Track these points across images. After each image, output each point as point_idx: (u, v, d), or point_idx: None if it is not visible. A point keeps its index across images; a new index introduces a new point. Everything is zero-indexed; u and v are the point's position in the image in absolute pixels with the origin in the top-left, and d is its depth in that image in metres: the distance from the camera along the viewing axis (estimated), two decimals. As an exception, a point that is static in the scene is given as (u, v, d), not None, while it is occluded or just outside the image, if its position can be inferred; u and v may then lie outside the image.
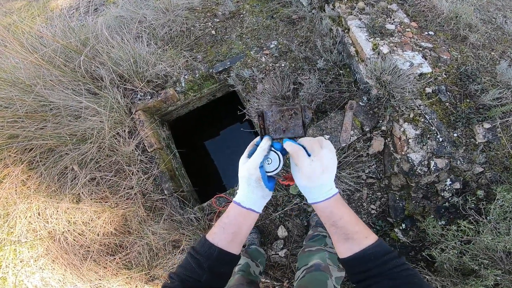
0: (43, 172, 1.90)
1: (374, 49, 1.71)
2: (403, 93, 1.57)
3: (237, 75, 1.87)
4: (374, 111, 1.72)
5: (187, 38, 2.05)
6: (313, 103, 1.60)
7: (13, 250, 1.80)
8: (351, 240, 0.53)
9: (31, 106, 1.90)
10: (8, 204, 1.91)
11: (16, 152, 1.98)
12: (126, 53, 1.71)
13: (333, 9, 1.89)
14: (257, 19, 2.20)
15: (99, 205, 1.87)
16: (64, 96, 1.86)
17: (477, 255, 1.12)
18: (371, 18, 1.80)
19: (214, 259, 0.54)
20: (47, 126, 1.88)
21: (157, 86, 1.86)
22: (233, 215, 0.58)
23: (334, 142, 1.57)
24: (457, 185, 1.40)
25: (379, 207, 1.63)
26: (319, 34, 2.03)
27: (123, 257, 1.91)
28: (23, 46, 1.84)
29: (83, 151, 1.83)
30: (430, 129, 1.44)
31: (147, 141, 1.72)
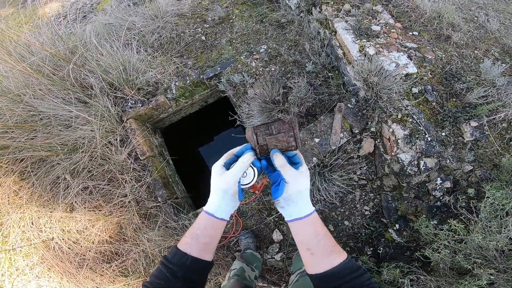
0: (35, 182, 1.82)
1: (361, 51, 1.67)
2: (390, 94, 1.56)
3: (228, 81, 1.80)
4: (363, 113, 1.69)
5: (177, 44, 1.97)
6: (303, 107, 1.54)
7: (8, 259, 1.75)
8: (334, 252, 0.54)
9: (21, 116, 1.81)
10: (1, 214, 1.84)
11: (7, 163, 1.89)
12: (116, 60, 1.63)
13: (320, 12, 1.84)
14: (247, 24, 2.13)
15: (93, 214, 1.80)
16: (54, 106, 1.77)
17: (470, 254, 1.09)
18: (357, 20, 1.76)
19: (187, 268, 0.54)
20: (38, 136, 1.79)
21: (148, 94, 1.78)
22: (205, 226, 0.57)
23: (324, 145, 1.52)
24: (447, 184, 1.37)
25: (372, 208, 1.60)
26: (308, 37, 1.98)
27: (119, 265, 1.84)
28: (10, 55, 1.75)
29: (75, 160, 1.75)
30: (418, 129, 1.42)
31: (139, 149, 1.64)
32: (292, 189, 0.55)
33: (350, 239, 1.59)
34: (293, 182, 0.55)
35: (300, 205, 0.56)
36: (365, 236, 1.57)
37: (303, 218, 0.55)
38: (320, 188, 1.50)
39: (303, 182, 0.56)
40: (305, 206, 0.56)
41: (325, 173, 1.50)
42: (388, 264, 1.35)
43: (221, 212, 0.57)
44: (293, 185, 0.55)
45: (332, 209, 1.64)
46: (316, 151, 1.47)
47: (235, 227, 1.57)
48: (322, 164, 1.51)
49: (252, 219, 1.61)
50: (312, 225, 0.55)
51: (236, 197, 0.58)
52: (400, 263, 1.27)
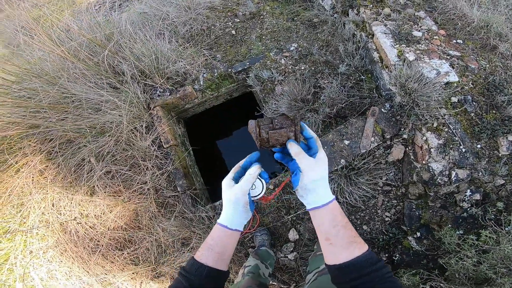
0: (60, 163, 2.01)
1: (399, 56, 1.74)
2: (428, 101, 1.58)
3: (256, 76, 1.94)
4: (396, 119, 1.75)
5: (207, 37, 2.15)
6: (335, 108, 1.65)
7: (24, 241, 1.88)
8: (355, 243, 0.57)
9: (54, 98, 2.04)
10: (23, 194, 1.99)
11: (36, 142, 2.11)
12: (149, 49, 1.82)
13: (358, 14, 1.95)
14: (277, 21, 2.28)
15: (112, 199, 1.96)
16: (86, 89, 1.99)
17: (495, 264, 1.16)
18: (397, 24, 1.84)
19: (204, 278, 0.60)
20: (68, 117, 2.00)
21: (176, 83, 1.96)
22: (219, 237, 0.63)
23: (354, 148, 1.61)
24: (477, 196, 1.42)
25: (393, 214, 1.66)
26: (341, 38, 2.09)
27: (131, 252, 1.98)
28: (51, 38, 1.99)
29: (101, 144, 1.94)
30: (453, 139, 1.46)
31: (164, 137, 1.81)
32: (308, 178, 0.58)
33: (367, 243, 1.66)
34: (308, 171, 0.58)
35: (319, 194, 0.59)
36: (382, 242, 1.62)
37: (321, 207, 0.58)
38: (345, 190, 1.59)
39: (318, 170, 0.59)
40: (323, 195, 0.59)
41: (351, 176, 1.55)
42: (405, 271, 1.44)
43: (234, 223, 0.63)
44: (308, 174, 0.58)
45: (353, 213, 1.69)
46: (345, 153, 1.55)
47: (252, 223, 1.68)
48: (350, 167, 1.57)
49: (270, 216, 1.68)
50: (330, 214, 0.58)
51: (248, 208, 0.63)
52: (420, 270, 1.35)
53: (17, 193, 1.98)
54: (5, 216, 1.94)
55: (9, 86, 2.11)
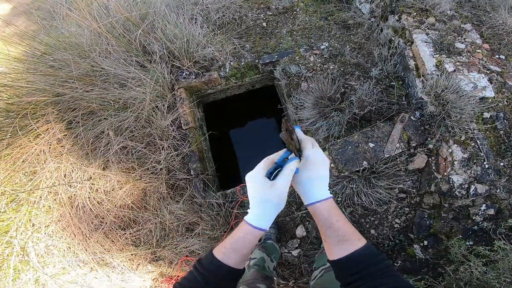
0: (80, 133, 2.11)
1: (438, 66, 1.75)
2: (461, 114, 1.58)
3: (283, 70, 1.99)
4: (425, 128, 1.74)
5: (238, 26, 2.23)
6: (367, 109, 1.68)
7: (29, 213, 1.89)
8: (347, 241, 0.58)
9: (84, 70, 2.17)
10: (38, 161, 2.03)
11: (60, 110, 2.23)
12: (181, 31, 1.92)
13: (398, 21, 1.96)
14: (310, 19, 2.33)
15: (124, 175, 2.02)
16: (115, 65, 2.10)
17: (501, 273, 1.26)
18: (440, 34, 1.85)
19: (222, 277, 0.58)
20: (94, 90, 2.12)
21: (203, 68, 2.03)
22: (250, 241, 0.59)
23: (378, 152, 1.60)
24: (491, 211, 1.49)
25: (403, 222, 1.70)
26: (377, 42, 2.11)
27: (134, 233, 2.01)
28: (91, 14, 2.15)
29: (122, 118, 2.03)
30: (478, 154, 1.50)
31: (184, 119, 1.88)
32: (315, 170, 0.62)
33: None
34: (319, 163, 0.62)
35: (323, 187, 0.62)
36: (387, 248, 1.65)
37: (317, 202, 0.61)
38: (363, 192, 1.58)
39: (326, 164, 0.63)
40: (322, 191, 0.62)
41: (371, 179, 1.57)
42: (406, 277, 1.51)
43: (269, 223, 0.60)
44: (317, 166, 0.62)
45: (363, 216, 1.69)
46: (369, 155, 1.53)
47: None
48: (372, 170, 1.58)
49: None
50: (327, 209, 0.61)
51: (282, 206, 0.61)
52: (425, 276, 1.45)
53: (31, 160, 2.02)
54: (15, 184, 1.98)
55: (43, 56, 2.27)
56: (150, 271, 1.97)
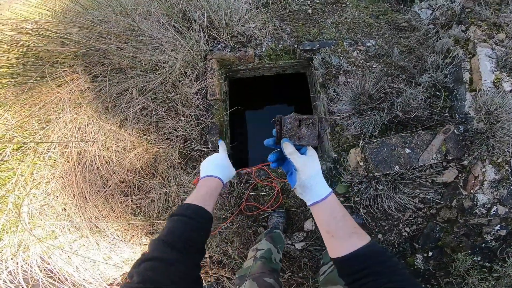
0: (105, 88, 2.18)
1: (495, 83, 1.72)
2: (508, 136, 1.57)
3: (323, 59, 1.97)
4: (465, 143, 1.68)
5: (282, 8, 2.25)
6: (412, 113, 1.64)
7: (33, 164, 1.84)
8: (356, 234, 0.59)
9: (123, 28, 2.27)
10: (55, 110, 2.01)
11: (90, 63, 2.33)
12: (226, 2, 1.96)
13: (464, 32, 1.92)
14: (360, 14, 2.31)
15: (139, 136, 2.03)
16: (153, 27, 2.18)
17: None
18: (507, 52, 1.81)
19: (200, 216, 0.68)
20: (128, 48, 2.20)
21: (239, 43, 2.05)
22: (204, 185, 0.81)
23: (413, 159, 1.54)
24: (503, 232, 1.63)
25: (413, 231, 1.75)
26: (431, 50, 2.06)
27: (136, 201, 1.98)
28: (138, -27, 2.26)
29: (148, 79, 2.08)
30: (509, 178, 1.56)
31: (211, 89, 1.89)
32: (304, 175, 0.64)
33: None
34: (303, 169, 0.64)
35: (316, 189, 0.64)
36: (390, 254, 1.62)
37: (320, 201, 0.63)
38: (388, 196, 1.54)
39: (313, 166, 0.66)
40: (321, 189, 0.64)
41: (398, 184, 1.52)
42: None
43: (210, 173, 0.82)
44: (303, 171, 0.64)
45: (375, 219, 1.67)
46: (402, 160, 1.46)
47: (273, 202, 1.65)
48: (402, 176, 1.52)
49: (292, 200, 1.64)
50: (329, 207, 0.63)
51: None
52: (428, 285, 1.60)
53: (49, 108, 2.01)
54: (27, 130, 1.96)
55: (85, 11, 2.40)
56: (143, 244, 1.95)
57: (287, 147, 0.66)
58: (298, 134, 0.68)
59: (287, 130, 0.68)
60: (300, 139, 0.68)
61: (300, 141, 0.68)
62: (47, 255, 1.69)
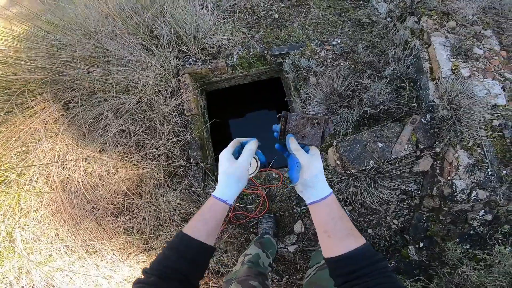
0: (79, 113, 2.17)
1: (453, 70, 1.82)
2: (472, 120, 1.66)
3: (293, 63, 2.09)
4: (434, 131, 1.82)
5: (249, 15, 2.33)
6: (378, 108, 1.77)
7: (18, 195, 1.88)
8: (352, 236, 0.61)
9: (88, 51, 2.26)
10: (31, 140, 2.03)
11: (59, 89, 2.31)
12: (191, 16, 2.03)
13: (417, 22, 2.05)
14: (324, 14, 2.43)
15: (121, 159, 2.06)
16: (121, 47, 2.21)
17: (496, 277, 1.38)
18: (459, 39, 1.93)
19: (194, 252, 0.62)
20: (97, 70, 2.21)
21: (210, 55, 2.12)
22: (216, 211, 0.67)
23: (386, 152, 1.69)
24: (489, 217, 1.62)
25: (401, 223, 1.80)
26: (392, 43, 2.21)
27: (127, 221, 2.04)
28: (99, -6, 2.27)
29: (122, 101, 2.10)
30: (483, 161, 1.60)
31: (187, 105, 1.96)
32: (308, 174, 0.65)
33: None
34: (308, 167, 0.65)
35: (317, 188, 0.65)
36: (383, 248, 1.74)
37: (319, 200, 0.65)
38: (367, 190, 1.65)
39: (316, 165, 0.66)
40: (322, 188, 0.65)
41: (375, 179, 1.63)
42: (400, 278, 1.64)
43: (232, 198, 0.68)
44: (307, 169, 0.65)
45: (362, 215, 1.75)
46: (376, 155, 1.56)
47: (260, 208, 1.76)
48: (378, 169, 1.62)
49: (279, 204, 1.71)
50: (328, 207, 0.65)
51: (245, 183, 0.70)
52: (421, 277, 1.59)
53: (25, 139, 2.02)
54: (6, 164, 1.97)
55: (45, 35, 2.37)
56: (141, 261, 2.01)
57: (292, 142, 0.67)
58: (302, 132, 0.68)
59: (291, 127, 0.69)
60: (303, 138, 0.68)
61: (303, 140, 0.68)
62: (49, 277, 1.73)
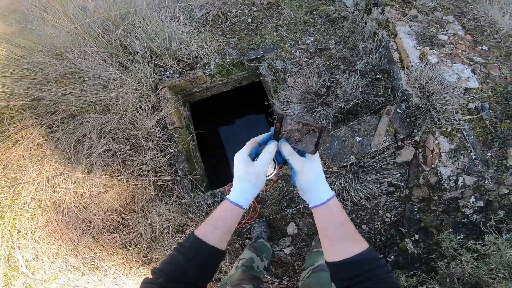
0: (61, 137, 2.04)
1: (421, 58, 1.77)
2: (446, 105, 1.60)
3: (269, 66, 1.98)
4: (410, 120, 1.77)
5: (222, 23, 2.21)
6: (352, 103, 1.68)
7: (13, 220, 1.86)
8: (353, 240, 0.58)
9: (62, 72, 2.09)
10: (18, 168, 1.98)
11: (38, 114, 2.15)
12: (163, 29, 1.88)
13: (382, 13, 1.98)
14: (295, 13, 2.33)
15: (110, 178, 1.97)
16: (95, 66, 2.04)
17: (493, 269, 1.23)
18: (423, 26, 1.87)
19: (203, 255, 0.58)
20: (74, 92, 2.05)
21: (187, 66, 2.00)
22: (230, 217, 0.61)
23: (365, 146, 1.62)
24: (480, 203, 1.48)
25: (394, 216, 1.71)
26: (361, 36, 2.13)
27: (124, 236, 1.97)
28: (66, 15, 2.07)
29: (104, 120, 1.98)
30: (465, 145, 1.51)
31: (169, 119, 1.85)
32: (304, 178, 0.61)
33: None
34: (301, 172, 0.61)
35: (317, 193, 0.61)
36: (380, 243, 1.68)
37: (319, 205, 0.60)
38: (352, 187, 1.60)
39: (311, 170, 0.62)
40: (321, 193, 0.61)
41: (359, 174, 1.58)
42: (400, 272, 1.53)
43: (247, 202, 0.62)
44: (301, 175, 0.61)
45: (354, 211, 1.72)
46: (356, 149, 1.54)
47: (251, 214, 1.68)
48: (359, 164, 1.58)
49: (270, 208, 1.68)
50: (329, 211, 0.60)
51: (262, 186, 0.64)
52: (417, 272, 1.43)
53: (12, 166, 1.98)
54: None
55: (18, 59, 2.18)
56: (143, 274, 1.95)
57: (285, 147, 0.63)
58: (296, 137, 0.63)
59: (286, 130, 0.64)
60: (297, 143, 0.63)
61: (297, 144, 0.63)
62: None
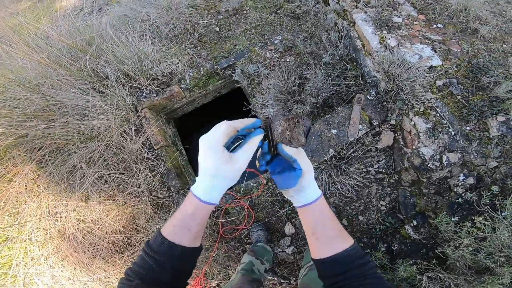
0: (52, 171, 1.94)
1: (381, 42, 1.71)
2: (413, 86, 1.56)
3: (242, 71, 1.87)
4: (382, 105, 1.71)
5: (191, 35, 2.06)
6: (320, 98, 1.59)
7: (24, 249, 1.84)
8: (340, 237, 0.56)
9: (39, 106, 1.95)
10: (18, 203, 1.95)
11: (26, 151, 2.03)
12: (131, 51, 1.73)
13: (338, 3, 1.88)
14: (261, 15, 2.19)
15: (108, 203, 1.91)
16: (71, 96, 1.90)
17: (492, 252, 1.10)
18: (377, 11, 1.79)
19: (176, 258, 0.50)
20: (55, 125, 1.92)
21: (163, 84, 1.88)
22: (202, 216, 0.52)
23: (342, 137, 1.55)
24: (470, 180, 1.36)
25: (389, 203, 1.62)
26: (324, 28, 2.02)
27: (131, 255, 1.95)
28: (29, 46, 1.88)
29: (91, 149, 1.87)
30: (441, 122, 1.42)
31: (154, 139, 1.74)
32: (308, 178, 0.55)
33: (364, 234, 1.63)
34: (310, 170, 0.56)
35: (309, 191, 0.57)
36: (380, 232, 1.59)
37: (311, 203, 0.56)
38: (336, 180, 1.54)
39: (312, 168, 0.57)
40: (312, 192, 0.57)
41: (341, 166, 1.54)
42: (403, 261, 1.37)
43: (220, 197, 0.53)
44: (309, 173, 0.56)
45: (347, 203, 1.67)
46: (333, 142, 1.51)
47: (247, 219, 1.64)
48: (339, 156, 1.55)
49: (264, 211, 1.67)
50: (318, 209, 0.57)
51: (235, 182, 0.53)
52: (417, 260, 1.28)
53: (12, 202, 1.93)
54: (3, 225, 1.88)
55: (-5, 97, 1.99)
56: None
57: (289, 148, 0.54)
58: (288, 136, 0.57)
59: (278, 135, 0.58)
60: (291, 142, 0.58)
61: (291, 143, 0.58)
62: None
